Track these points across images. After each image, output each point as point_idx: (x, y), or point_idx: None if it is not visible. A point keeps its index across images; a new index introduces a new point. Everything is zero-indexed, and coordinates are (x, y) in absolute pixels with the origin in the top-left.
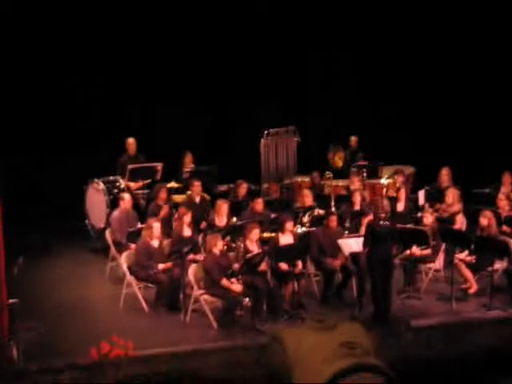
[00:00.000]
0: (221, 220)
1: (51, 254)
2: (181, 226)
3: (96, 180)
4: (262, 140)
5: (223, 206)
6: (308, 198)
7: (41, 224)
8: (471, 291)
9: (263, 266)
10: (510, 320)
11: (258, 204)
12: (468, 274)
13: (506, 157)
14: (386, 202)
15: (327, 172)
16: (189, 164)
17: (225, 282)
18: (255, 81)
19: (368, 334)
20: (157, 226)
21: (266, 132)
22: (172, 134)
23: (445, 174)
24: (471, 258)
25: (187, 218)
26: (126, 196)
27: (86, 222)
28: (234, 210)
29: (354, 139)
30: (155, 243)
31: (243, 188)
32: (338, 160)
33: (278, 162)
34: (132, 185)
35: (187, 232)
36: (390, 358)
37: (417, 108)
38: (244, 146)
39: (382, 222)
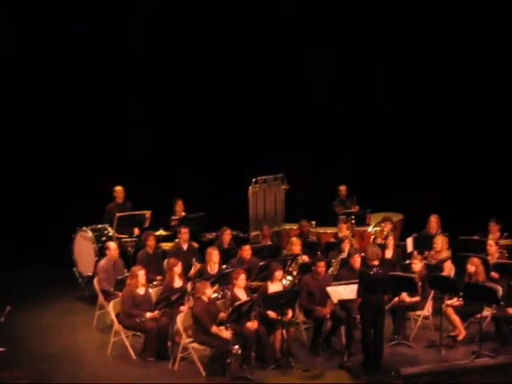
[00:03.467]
0: (213, 267)
1: (39, 302)
2: (171, 276)
3: (84, 228)
4: (250, 187)
5: (214, 254)
6: (296, 246)
7: (28, 271)
8: (460, 338)
9: (252, 314)
10: (498, 367)
11: (246, 251)
12: (456, 320)
13: (490, 204)
14: (376, 250)
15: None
16: (180, 211)
17: (214, 328)
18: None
19: (355, 382)
20: (141, 273)
21: (254, 180)
22: (160, 182)
23: (433, 221)
24: (459, 303)
25: (177, 269)
26: (112, 244)
27: (74, 269)
28: (222, 258)
29: (342, 188)
30: (141, 291)
31: (227, 235)
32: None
33: (267, 210)
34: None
35: (178, 283)
36: None
37: (404, 155)
38: (232, 194)
39: (374, 270)
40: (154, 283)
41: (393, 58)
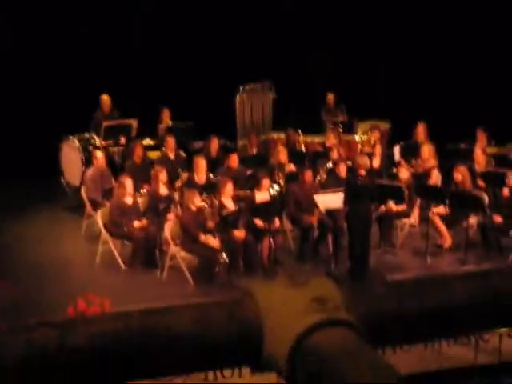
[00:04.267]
0: (200, 177)
1: (26, 212)
2: (156, 183)
3: (71, 137)
4: (238, 96)
5: (201, 163)
6: (283, 155)
7: (14, 182)
8: (446, 246)
9: (240, 223)
10: (483, 275)
11: (233, 160)
12: (443, 228)
13: (479, 112)
14: (364, 159)
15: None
16: (166, 120)
17: (202, 237)
18: (230, 35)
19: (339, 289)
20: (129, 183)
21: (241, 87)
22: (146, 90)
23: (420, 130)
24: (446, 211)
25: (163, 176)
26: (99, 154)
27: (62, 179)
28: (209, 167)
29: (330, 96)
30: (129, 200)
31: (215, 144)
32: None
33: (254, 118)
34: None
35: (163, 190)
36: (361, 313)
37: (391, 62)
38: (219, 102)
39: (361, 179)
40: (142, 192)
41: None
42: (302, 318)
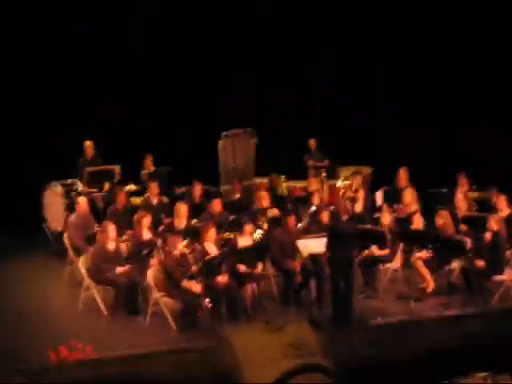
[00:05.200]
0: (180, 222)
1: (9, 258)
2: (140, 229)
3: (54, 183)
4: (220, 141)
5: (182, 208)
6: (265, 200)
7: None
8: (429, 290)
9: (223, 268)
10: (466, 318)
11: (216, 205)
12: (425, 272)
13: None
14: (346, 204)
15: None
16: (149, 166)
17: (185, 282)
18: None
19: (316, 335)
20: (111, 228)
21: (223, 133)
22: (130, 136)
23: (402, 175)
24: (428, 255)
25: (146, 221)
26: (82, 199)
27: (44, 225)
28: (193, 212)
29: (312, 141)
30: (111, 246)
31: (198, 190)
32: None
33: (237, 164)
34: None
35: (146, 235)
36: (340, 357)
37: (372, 108)
38: (202, 148)
39: (343, 224)
40: (124, 238)
41: None
42: (277, 364)
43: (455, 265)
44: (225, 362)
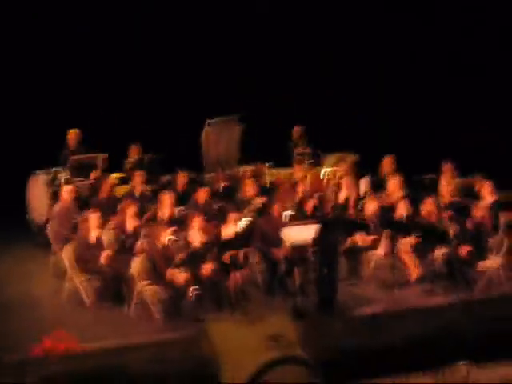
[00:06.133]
0: (164, 211)
1: None
2: (124, 218)
3: (38, 172)
4: (204, 129)
5: (166, 198)
6: (250, 188)
7: None
8: (413, 277)
9: (207, 257)
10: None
11: (201, 194)
12: (410, 260)
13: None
14: (330, 191)
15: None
16: (135, 154)
17: (169, 271)
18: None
19: (296, 326)
20: (93, 217)
21: (207, 121)
22: (114, 124)
23: (387, 163)
24: (416, 241)
25: (130, 211)
26: (66, 189)
27: (28, 216)
28: (177, 201)
29: (296, 129)
30: (94, 235)
31: (182, 178)
32: None
33: (221, 152)
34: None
35: (131, 225)
36: (318, 348)
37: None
38: (187, 135)
39: (328, 211)
40: (109, 226)
41: None
42: (255, 356)
43: (439, 252)
44: (203, 355)
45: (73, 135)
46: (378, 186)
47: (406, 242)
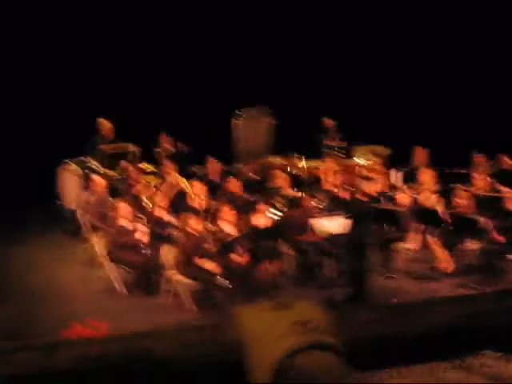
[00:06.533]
0: (197, 201)
1: (23, 237)
2: (158, 209)
3: (68, 161)
4: (235, 120)
5: (198, 187)
6: (281, 180)
7: (12, 206)
8: (448, 270)
9: (239, 247)
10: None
11: (232, 184)
12: (441, 253)
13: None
14: (363, 183)
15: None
16: (164, 145)
17: (201, 261)
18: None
19: (327, 314)
20: (123, 206)
21: (237, 112)
22: (144, 115)
23: (419, 155)
24: (445, 234)
25: (163, 202)
26: (98, 178)
27: (59, 203)
28: (209, 191)
29: (327, 121)
30: (124, 223)
31: (215, 166)
32: None
33: (252, 143)
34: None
35: (164, 215)
36: (348, 335)
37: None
38: (217, 127)
39: (361, 203)
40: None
41: None
42: (283, 342)
43: (472, 245)
44: (229, 340)
45: (103, 124)
46: (410, 179)
47: (437, 235)
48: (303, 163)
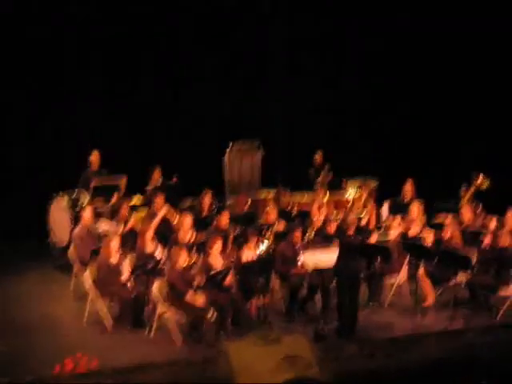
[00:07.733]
0: (184, 234)
1: (14, 272)
2: (143, 241)
3: (60, 194)
4: (226, 154)
5: (186, 220)
6: (272, 215)
7: (2, 242)
8: (427, 303)
9: (228, 282)
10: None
11: (223, 218)
12: (427, 286)
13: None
14: (353, 218)
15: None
16: (157, 178)
17: (189, 295)
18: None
19: (314, 347)
20: (114, 241)
21: (230, 146)
22: (135, 148)
23: (408, 187)
24: (432, 267)
25: (149, 234)
26: (86, 212)
27: (49, 238)
28: (200, 225)
29: (317, 156)
30: (114, 259)
31: (208, 198)
32: None
33: (243, 177)
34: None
35: (150, 248)
36: (335, 370)
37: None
38: (206, 161)
39: (349, 236)
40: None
41: None
42: (271, 377)
43: (461, 278)
44: (219, 375)
45: (94, 157)
46: (399, 212)
47: (425, 268)
48: (292, 196)
